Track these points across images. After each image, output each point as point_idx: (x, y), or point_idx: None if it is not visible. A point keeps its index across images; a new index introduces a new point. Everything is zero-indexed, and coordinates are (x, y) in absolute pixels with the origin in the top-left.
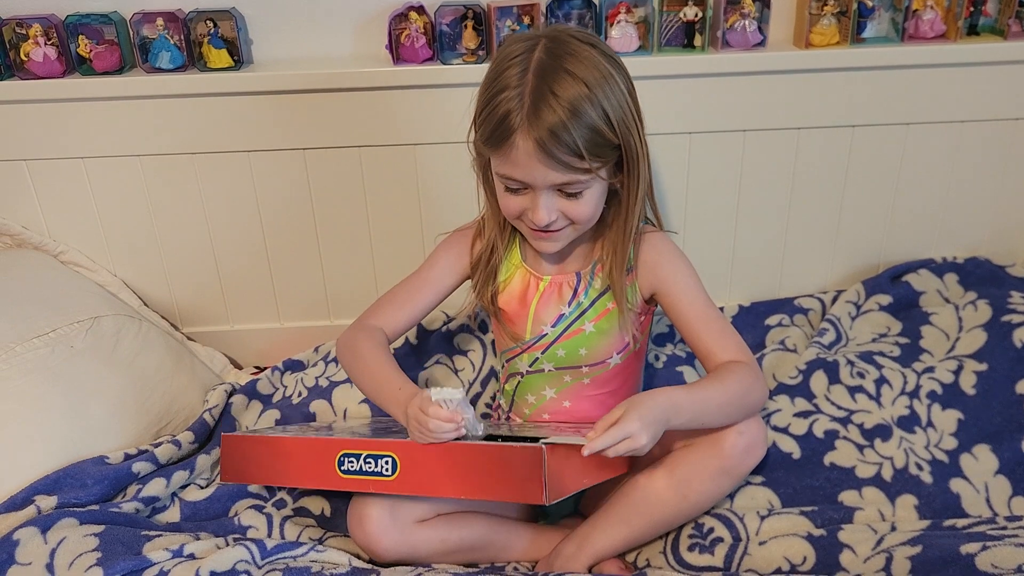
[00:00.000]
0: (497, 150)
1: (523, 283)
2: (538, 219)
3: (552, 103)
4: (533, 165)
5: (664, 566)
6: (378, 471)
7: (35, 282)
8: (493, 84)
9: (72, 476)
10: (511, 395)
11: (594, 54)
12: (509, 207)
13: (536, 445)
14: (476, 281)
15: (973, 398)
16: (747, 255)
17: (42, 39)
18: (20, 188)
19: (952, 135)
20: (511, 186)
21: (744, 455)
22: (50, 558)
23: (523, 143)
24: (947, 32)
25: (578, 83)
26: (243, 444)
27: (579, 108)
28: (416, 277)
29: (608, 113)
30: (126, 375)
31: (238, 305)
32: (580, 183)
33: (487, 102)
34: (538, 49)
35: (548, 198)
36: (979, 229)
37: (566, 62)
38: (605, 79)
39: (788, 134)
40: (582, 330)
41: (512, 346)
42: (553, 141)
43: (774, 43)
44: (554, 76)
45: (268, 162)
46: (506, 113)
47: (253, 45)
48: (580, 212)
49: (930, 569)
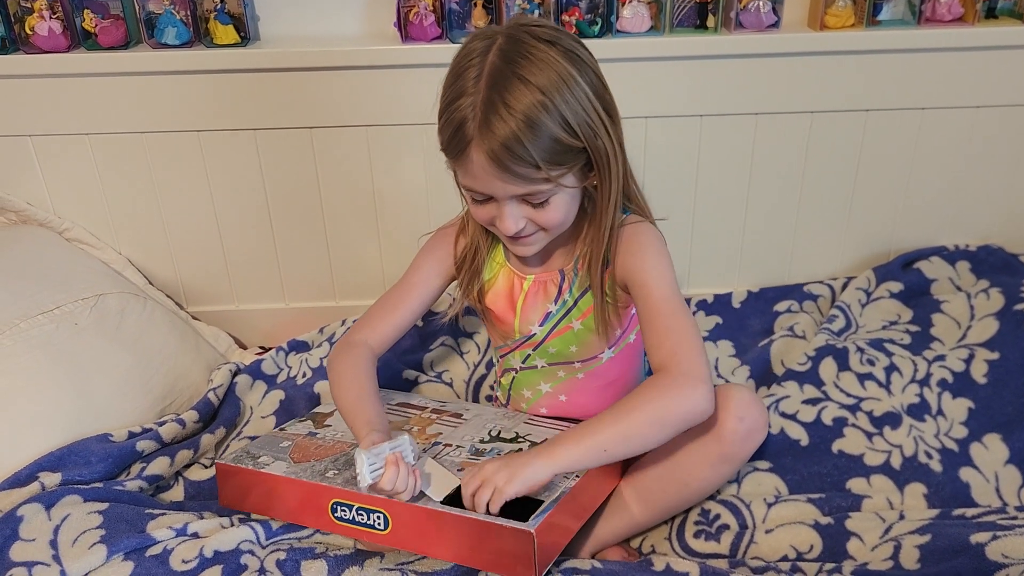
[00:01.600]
0: (455, 161)
1: (508, 283)
2: (505, 229)
3: (504, 115)
4: (489, 179)
5: (669, 552)
6: (370, 524)
7: (40, 259)
8: (451, 88)
9: (76, 453)
10: (507, 389)
11: (552, 55)
12: (478, 215)
13: (527, 529)
14: (462, 281)
15: (984, 387)
16: (757, 240)
17: (47, 13)
18: (25, 164)
19: (967, 120)
20: (475, 197)
21: (744, 441)
22: (54, 534)
23: (477, 156)
24: (965, 15)
25: (532, 91)
26: (237, 475)
27: (534, 119)
28: (402, 284)
29: (567, 119)
30: (130, 353)
31: (243, 285)
32: (543, 192)
33: (445, 107)
34: (492, 51)
35: (513, 207)
36: (992, 216)
37: (520, 67)
38: (564, 82)
39: (801, 117)
40: (570, 327)
41: (503, 343)
42: (507, 155)
43: (788, 24)
44: (507, 84)
45: (274, 140)
46: (461, 123)
47: (260, 21)
48: (548, 219)
49: (939, 558)
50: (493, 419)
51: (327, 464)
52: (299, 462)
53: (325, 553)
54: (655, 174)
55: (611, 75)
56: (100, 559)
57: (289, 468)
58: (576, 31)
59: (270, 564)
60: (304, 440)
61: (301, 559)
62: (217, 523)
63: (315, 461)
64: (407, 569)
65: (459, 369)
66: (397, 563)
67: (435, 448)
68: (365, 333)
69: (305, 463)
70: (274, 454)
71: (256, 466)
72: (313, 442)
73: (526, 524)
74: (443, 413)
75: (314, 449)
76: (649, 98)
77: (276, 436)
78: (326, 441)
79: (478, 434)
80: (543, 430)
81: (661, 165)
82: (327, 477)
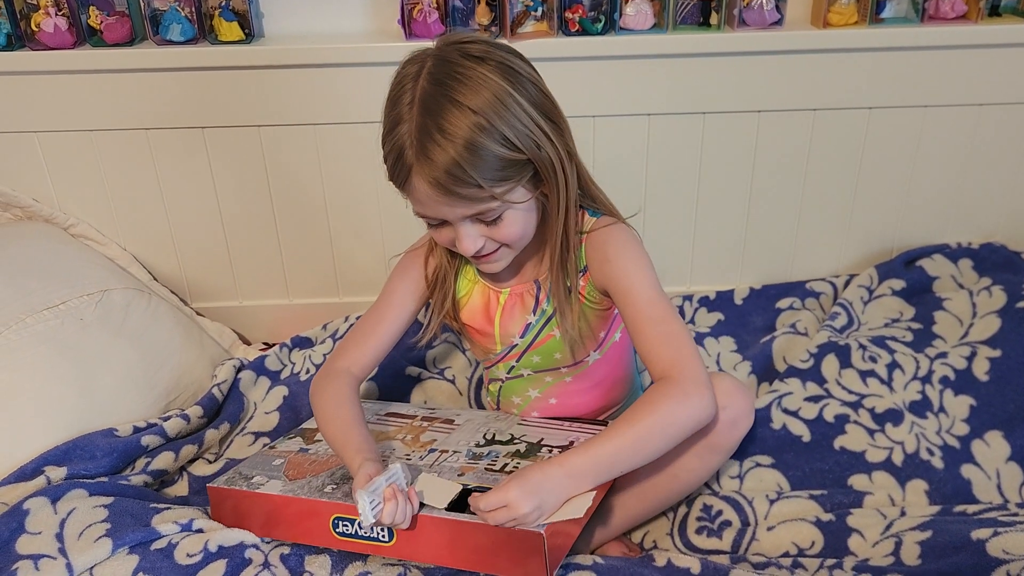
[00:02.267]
0: (401, 189)
1: (483, 298)
2: (464, 250)
3: (441, 142)
4: (436, 205)
5: (671, 548)
6: (375, 537)
7: (45, 255)
8: (389, 115)
9: (81, 448)
10: (496, 396)
11: (484, 72)
12: (438, 239)
13: (537, 531)
14: (435, 301)
15: (986, 384)
16: (759, 237)
17: (53, 9)
18: (30, 160)
19: (970, 118)
20: (430, 223)
21: (731, 429)
22: (60, 528)
23: (419, 184)
24: (968, 13)
25: (467, 114)
26: (232, 497)
27: (473, 142)
28: (377, 309)
29: (508, 136)
30: (135, 348)
31: (247, 281)
32: (493, 210)
33: (385, 136)
34: (423, 76)
35: (468, 228)
36: (995, 214)
37: (452, 90)
38: (499, 100)
39: (804, 115)
40: (552, 336)
41: (486, 357)
42: (450, 180)
43: (791, 22)
44: (440, 110)
45: (278, 137)
46: (400, 152)
47: (264, 18)
48: (506, 234)
49: (940, 554)
50: (485, 422)
51: (324, 479)
52: (295, 479)
53: (328, 548)
54: (658, 171)
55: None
56: (105, 552)
57: (285, 486)
58: (579, 28)
59: (274, 559)
60: (297, 457)
61: (305, 554)
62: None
63: (311, 477)
64: (410, 564)
65: (461, 365)
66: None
67: (432, 455)
68: (345, 361)
69: (301, 479)
70: (267, 473)
71: (250, 487)
72: (307, 458)
73: (535, 526)
74: (434, 420)
75: (308, 465)
76: (652, 95)
77: (266, 455)
78: (320, 456)
79: (473, 438)
80: (537, 430)
81: (664, 162)
82: (326, 492)
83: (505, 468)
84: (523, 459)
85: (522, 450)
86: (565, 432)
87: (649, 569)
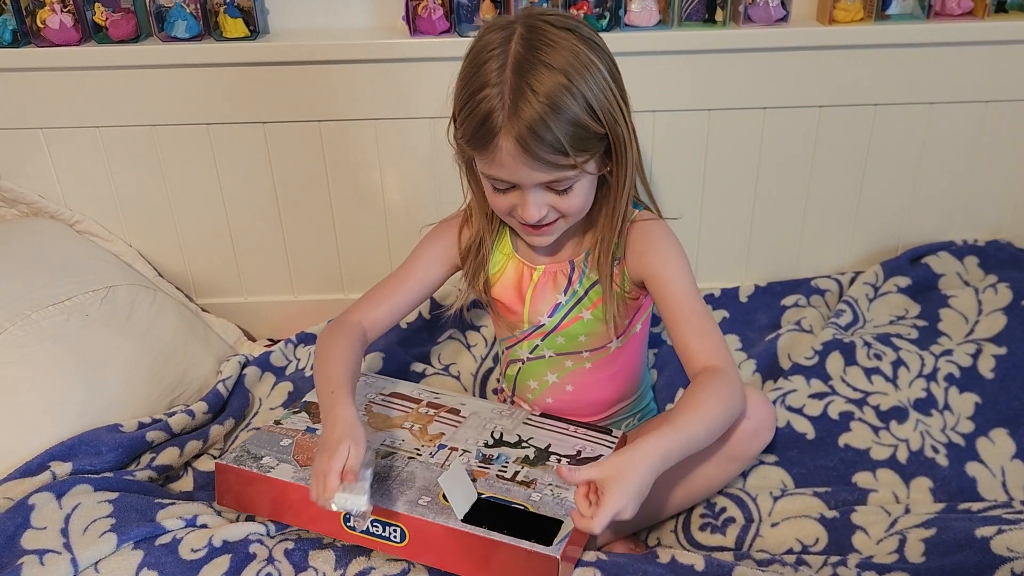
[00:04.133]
0: (482, 151)
1: (516, 273)
2: (528, 217)
3: (531, 99)
4: (518, 166)
5: (675, 545)
6: (386, 536)
7: (51, 251)
8: (472, 79)
9: (87, 443)
10: (513, 380)
11: (572, 40)
12: (498, 205)
13: (552, 555)
14: (467, 272)
15: (991, 382)
16: (765, 234)
17: (58, 6)
18: (36, 156)
19: (976, 115)
20: (498, 186)
21: (751, 439)
22: (65, 523)
23: (506, 144)
24: (974, 9)
25: (556, 74)
26: (240, 476)
27: (559, 102)
28: (400, 271)
29: (590, 103)
30: (140, 344)
31: (252, 277)
32: (568, 179)
33: (467, 100)
34: (514, 40)
35: (537, 195)
36: (1001, 211)
37: (543, 53)
38: (585, 67)
39: (809, 112)
40: (580, 317)
41: (510, 335)
42: (536, 140)
43: (797, 18)
44: (532, 70)
45: (283, 133)
46: (488, 113)
47: (269, 15)
48: (570, 206)
49: (944, 552)
50: (491, 417)
51: None
52: (305, 465)
53: (333, 543)
54: (663, 168)
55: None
56: (110, 547)
57: (296, 473)
58: None
59: (278, 554)
60: (305, 439)
61: (309, 549)
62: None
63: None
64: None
65: (466, 362)
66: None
67: (442, 452)
68: (358, 315)
69: (311, 467)
70: (276, 454)
71: (260, 468)
72: (315, 441)
73: (550, 549)
74: (440, 408)
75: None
76: (657, 92)
77: (273, 432)
78: None
79: (480, 436)
80: (544, 433)
81: (669, 159)
82: None
83: (516, 476)
84: (532, 467)
85: (531, 456)
86: (572, 439)
87: (653, 566)
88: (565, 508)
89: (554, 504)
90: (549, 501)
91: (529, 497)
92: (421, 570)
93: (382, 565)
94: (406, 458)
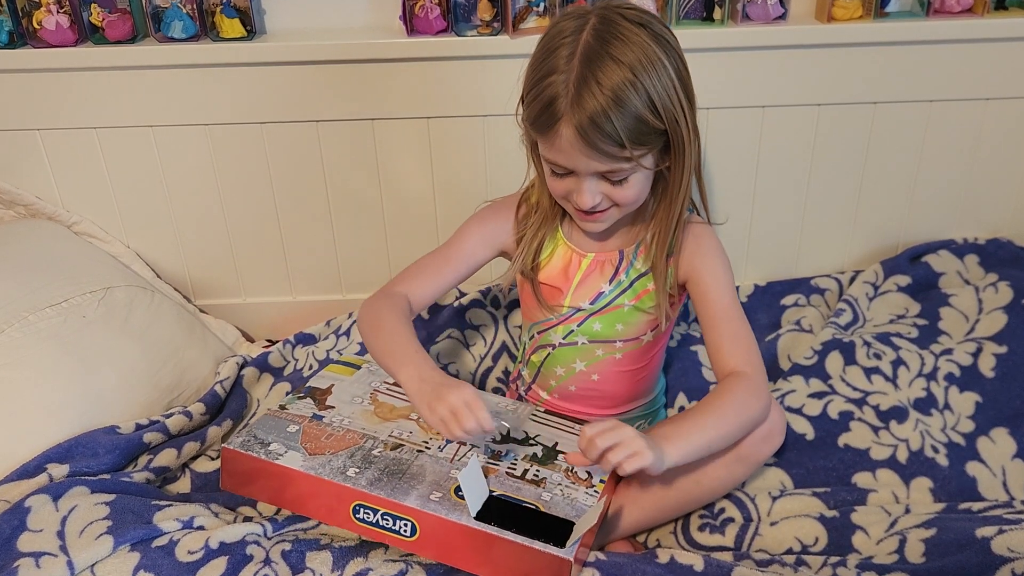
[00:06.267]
0: (543, 135)
1: (565, 259)
2: (582, 203)
3: (595, 91)
4: (575, 154)
5: (674, 546)
6: (396, 530)
7: (48, 252)
8: (542, 64)
9: (84, 445)
10: (537, 367)
11: (643, 37)
12: (555, 189)
13: (566, 557)
14: (522, 249)
15: (992, 381)
16: (764, 233)
17: (55, 7)
18: (33, 158)
19: (976, 113)
20: (556, 171)
21: (762, 443)
22: (61, 525)
23: (566, 131)
24: (974, 6)
25: (622, 69)
26: (248, 462)
27: (622, 97)
28: (447, 249)
29: (653, 100)
30: (138, 346)
31: (251, 278)
32: (624, 170)
33: (535, 83)
34: (586, 30)
35: (592, 183)
36: (1001, 210)
37: (612, 47)
38: (652, 64)
39: (808, 110)
40: (621, 307)
41: (547, 318)
42: (595, 131)
43: (795, 16)
44: (599, 63)
45: (281, 134)
46: (552, 99)
47: (266, 15)
48: (624, 196)
49: (944, 552)
50: (497, 412)
51: (344, 460)
52: (314, 454)
53: (330, 544)
54: None
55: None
56: (107, 550)
57: (306, 462)
58: None
59: (275, 555)
60: (312, 426)
61: (306, 550)
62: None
63: (331, 455)
64: (411, 561)
65: (466, 362)
66: (401, 555)
67: (450, 447)
68: (404, 287)
69: (320, 456)
70: (284, 441)
71: (268, 455)
72: (322, 430)
73: (564, 551)
74: None
75: (325, 439)
76: None
77: (279, 418)
78: (335, 429)
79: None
80: (550, 431)
81: None
82: (348, 476)
83: (525, 475)
84: (541, 465)
85: (539, 454)
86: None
87: (652, 566)
88: (576, 509)
89: (565, 505)
90: (560, 501)
91: (540, 496)
92: (419, 571)
93: (380, 567)
94: (415, 451)
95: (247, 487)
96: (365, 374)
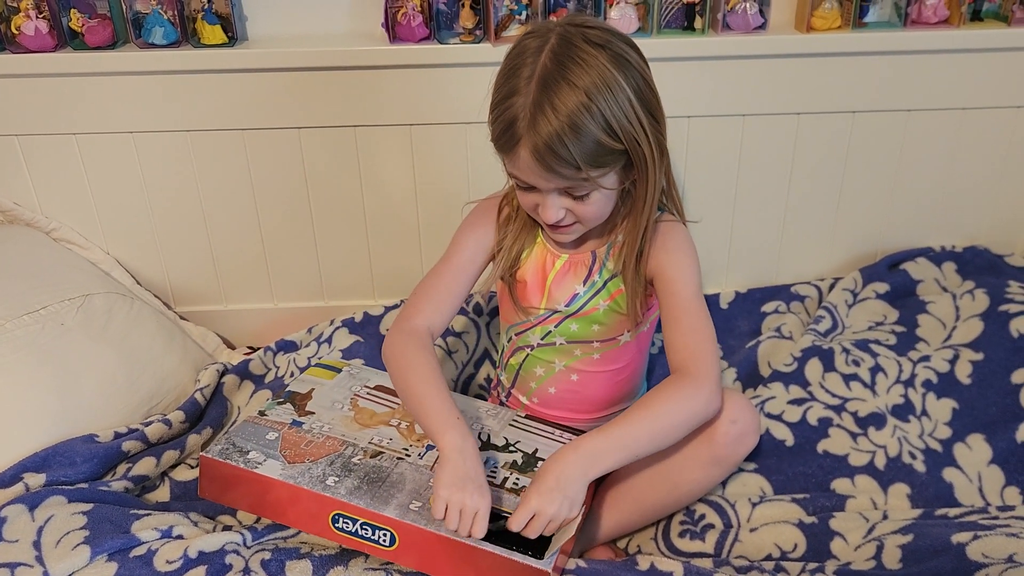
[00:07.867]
0: (504, 155)
1: (540, 259)
2: (547, 218)
3: (550, 116)
4: (534, 174)
5: (655, 552)
6: (375, 539)
7: (26, 259)
8: (505, 84)
9: (61, 454)
10: (516, 369)
11: (601, 59)
12: (523, 201)
13: (544, 568)
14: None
15: (968, 387)
16: (744, 241)
17: (33, 12)
18: (12, 164)
19: (953, 122)
20: (520, 185)
21: (736, 444)
22: (37, 535)
23: (524, 153)
24: (950, 17)
25: (577, 93)
26: (226, 471)
27: (576, 122)
28: (449, 263)
29: (610, 122)
30: (116, 353)
31: (232, 285)
32: (583, 187)
33: (498, 103)
34: (545, 52)
35: (555, 199)
36: (978, 218)
37: (569, 71)
38: (608, 87)
39: (788, 119)
40: (596, 308)
41: (524, 320)
42: (550, 154)
43: (775, 26)
44: (555, 87)
45: (262, 141)
46: (511, 121)
47: (248, 21)
48: (586, 212)
49: (921, 558)
50: (477, 417)
51: (324, 468)
52: (293, 462)
53: (310, 553)
54: None
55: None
56: (84, 560)
57: (285, 471)
58: None
59: (255, 564)
60: (291, 433)
61: (286, 559)
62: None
63: (310, 463)
64: (392, 569)
65: (447, 368)
66: (381, 563)
67: (430, 453)
68: (425, 319)
69: (300, 464)
70: (263, 449)
71: (247, 464)
72: (302, 436)
73: (543, 563)
74: None
75: (305, 446)
76: None
77: (259, 424)
78: (315, 436)
79: None
80: (530, 437)
81: None
82: (328, 485)
83: (505, 483)
84: (521, 473)
85: (519, 461)
86: (557, 443)
87: (632, 573)
88: None
89: None
90: None
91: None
92: None
93: (360, 575)
94: (395, 458)
95: (226, 495)
96: (346, 378)
